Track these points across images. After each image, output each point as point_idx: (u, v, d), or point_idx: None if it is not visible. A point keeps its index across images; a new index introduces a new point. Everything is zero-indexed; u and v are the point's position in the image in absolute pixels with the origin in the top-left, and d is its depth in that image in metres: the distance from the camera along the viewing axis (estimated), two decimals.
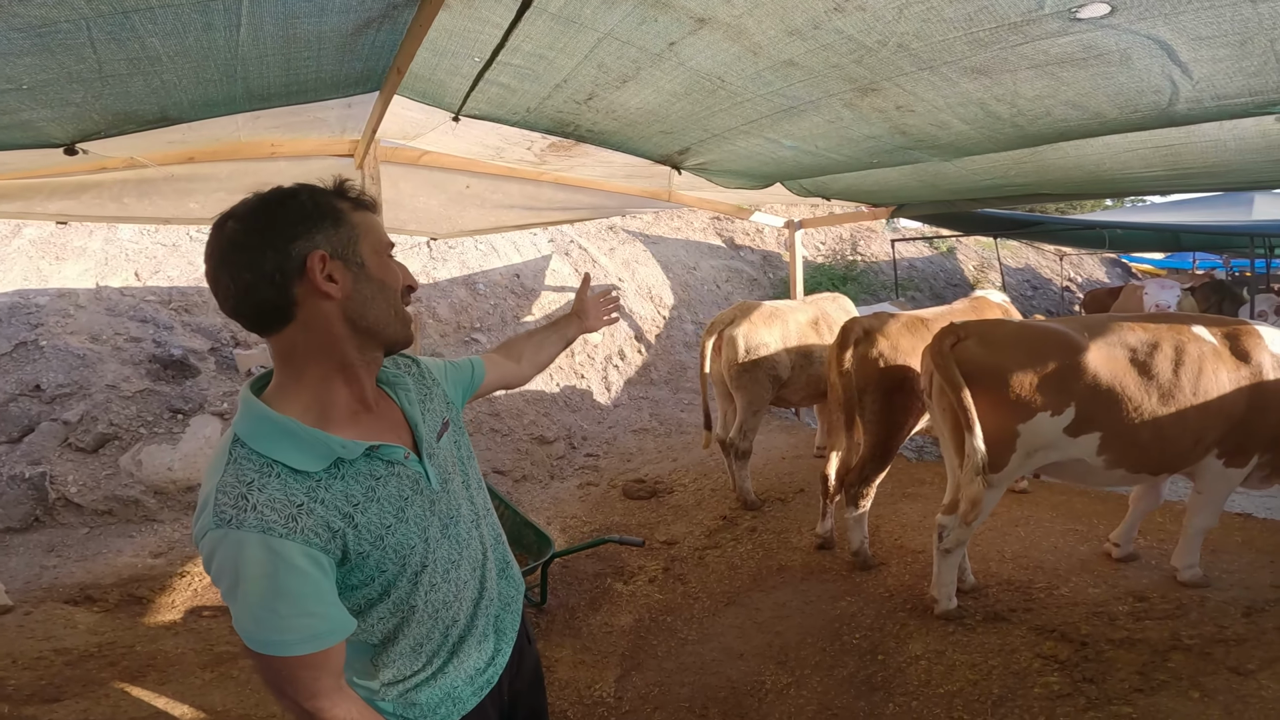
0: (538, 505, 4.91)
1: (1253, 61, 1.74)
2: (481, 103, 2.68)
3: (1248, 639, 2.48)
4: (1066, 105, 2.20)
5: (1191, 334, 2.59)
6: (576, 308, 1.74)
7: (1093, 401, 2.47)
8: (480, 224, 4.61)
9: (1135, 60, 1.81)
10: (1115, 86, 2.00)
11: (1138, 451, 2.53)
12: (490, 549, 1.25)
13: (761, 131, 2.72)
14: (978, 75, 2.00)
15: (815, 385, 4.26)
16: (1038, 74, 1.96)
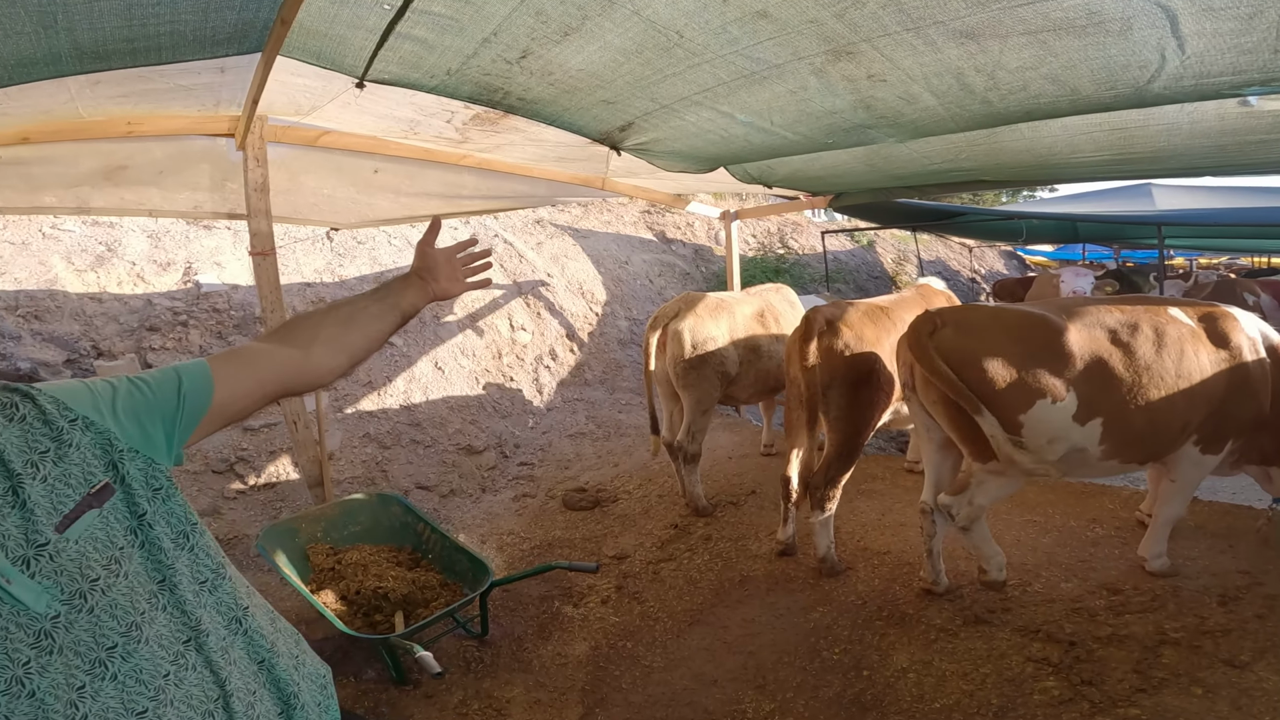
0: (470, 522, 4.47)
1: (1253, 37, 1.66)
2: (392, 64, 2.27)
3: (1232, 629, 2.46)
4: (1045, 79, 2.06)
5: (1169, 316, 2.52)
6: (418, 264, 1.28)
7: (1090, 385, 2.36)
8: (392, 214, 4.13)
9: (1134, 30, 1.70)
10: (1102, 60, 1.89)
11: (1134, 438, 2.45)
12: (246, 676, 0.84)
13: (716, 103, 2.45)
14: (965, 40, 1.81)
15: (764, 381, 4.07)
16: (1028, 41, 1.80)
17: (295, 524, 3.07)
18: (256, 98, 2.70)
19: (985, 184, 4.00)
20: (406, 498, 3.55)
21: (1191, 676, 2.23)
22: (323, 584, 2.86)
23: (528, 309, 6.46)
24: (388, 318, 1.19)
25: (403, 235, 6.27)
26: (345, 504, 3.26)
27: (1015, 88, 2.14)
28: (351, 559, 2.98)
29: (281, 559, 2.83)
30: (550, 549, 3.97)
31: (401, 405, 5.18)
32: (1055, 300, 2.80)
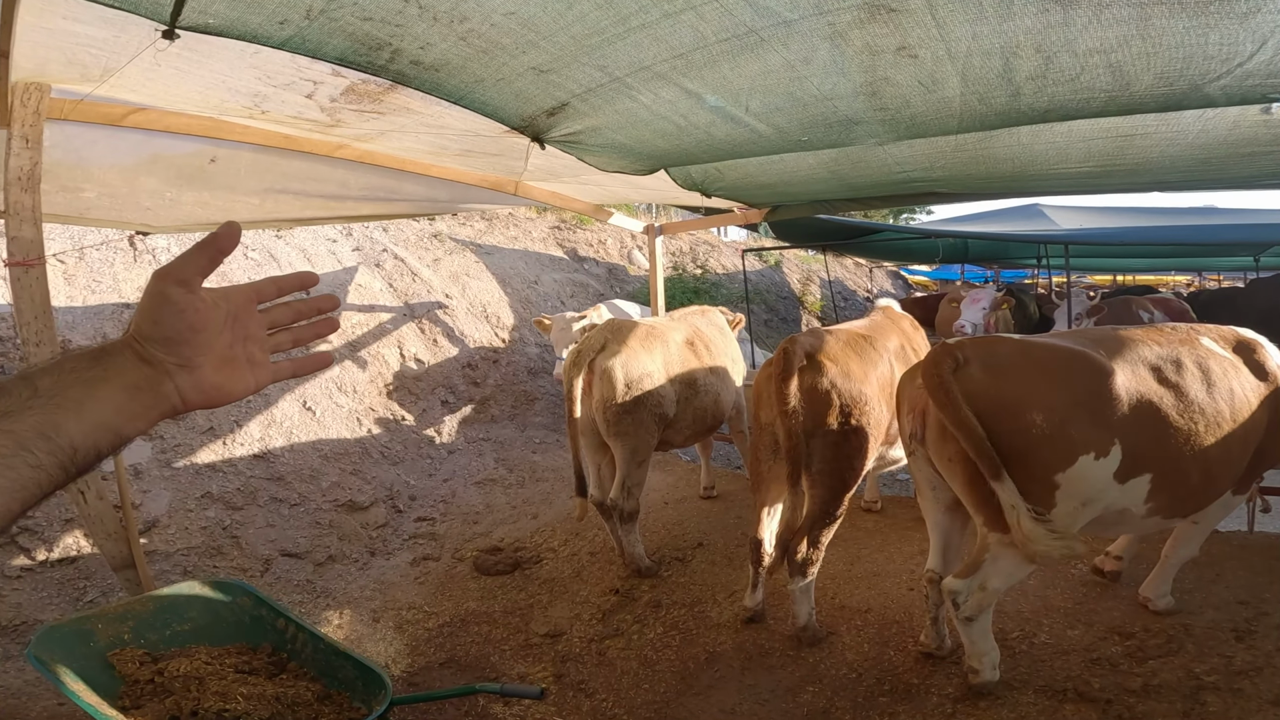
0: (357, 594, 3.61)
1: None
2: (216, 1, 1.53)
3: (1263, 666, 2.33)
4: (1107, 69, 1.73)
5: (1208, 348, 2.21)
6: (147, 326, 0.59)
7: (1139, 436, 1.97)
8: (238, 215, 3.20)
9: (1262, 13, 1.39)
10: (1193, 47, 1.58)
11: (1186, 492, 2.12)
12: None
13: (686, 75, 1.87)
14: (1051, 4, 1.38)
15: (700, 421, 3.52)
16: (1130, 15, 1.48)
17: (86, 624, 2.25)
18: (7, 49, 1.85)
19: (939, 196, 3.73)
20: (252, 581, 2.68)
21: None
22: (138, 702, 2.10)
23: (422, 335, 5.55)
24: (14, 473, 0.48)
25: (265, 247, 5.21)
26: (164, 598, 2.44)
27: (1066, 77, 1.75)
28: (179, 668, 2.21)
29: (67, 672, 2.01)
30: (464, 626, 3.25)
31: (257, 455, 4.16)
32: (1079, 332, 2.46)
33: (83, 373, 0.55)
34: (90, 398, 0.54)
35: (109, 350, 0.57)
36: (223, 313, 0.63)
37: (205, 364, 0.61)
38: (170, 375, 0.59)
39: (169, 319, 0.58)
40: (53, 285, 4.21)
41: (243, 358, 0.65)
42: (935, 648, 2.50)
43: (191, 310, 0.59)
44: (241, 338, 0.65)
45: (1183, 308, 6.68)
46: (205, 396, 0.62)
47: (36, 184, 2.21)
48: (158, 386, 0.58)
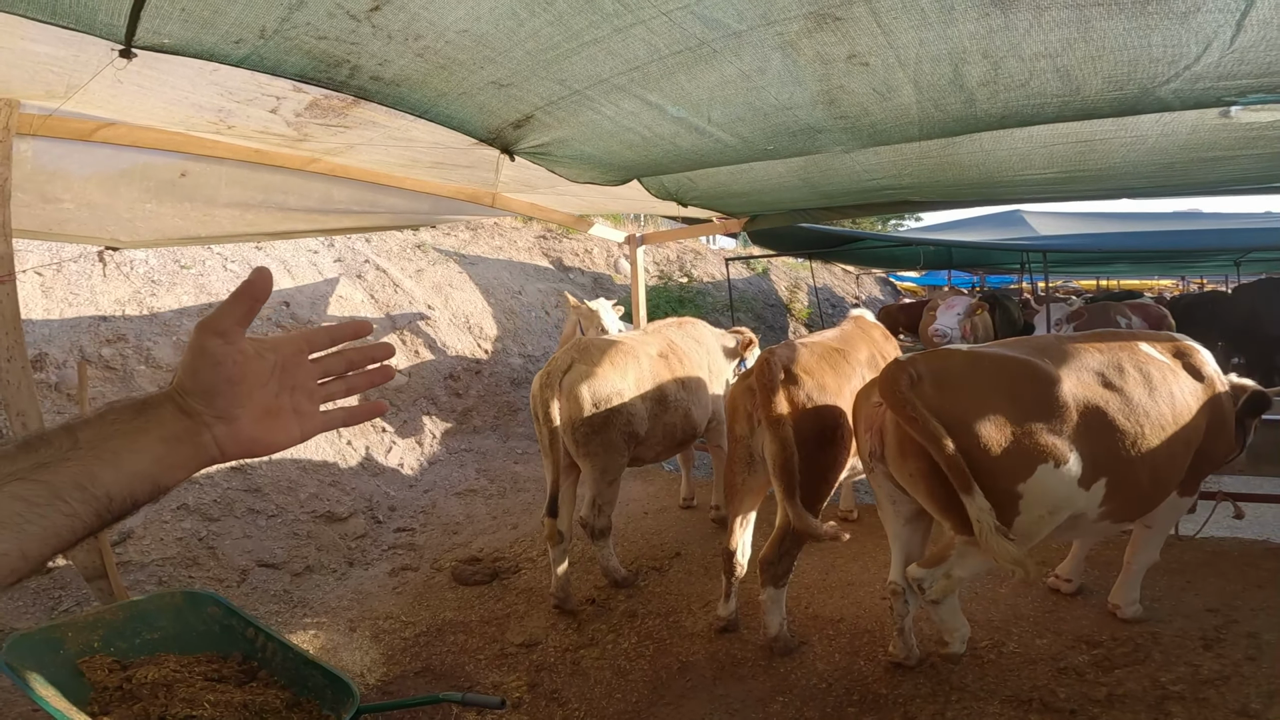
0: (335, 604, 3.59)
1: None
2: (171, 20, 1.56)
3: (1229, 675, 2.36)
4: (1055, 73, 1.75)
5: (1147, 353, 2.24)
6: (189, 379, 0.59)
7: (1092, 441, 1.99)
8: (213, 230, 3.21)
9: (1201, 13, 1.40)
10: (1138, 49, 1.59)
11: (1137, 495, 2.14)
12: None
13: (645, 87, 1.90)
14: (993, 9, 1.44)
15: (671, 436, 3.44)
16: (1069, 18, 1.47)
17: (57, 632, 2.28)
18: None
19: (912, 204, 3.77)
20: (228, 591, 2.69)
21: None
22: (106, 708, 2.12)
23: (404, 346, 5.55)
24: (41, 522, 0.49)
25: (244, 258, 5.20)
26: (134, 606, 2.45)
27: (1016, 82, 1.77)
28: (148, 675, 2.22)
29: (37, 679, 2.03)
30: (440, 636, 3.23)
31: (233, 468, 4.14)
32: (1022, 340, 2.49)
33: (124, 424, 0.55)
34: (129, 449, 0.54)
35: (151, 402, 0.58)
36: (269, 364, 0.63)
37: (244, 415, 0.60)
38: (209, 427, 0.59)
39: (206, 371, 0.58)
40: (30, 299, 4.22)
41: (288, 408, 0.64)
42: (904, 657, 2.51)
43: (229, 362, 0.59)
44: (289, 388, 0.64)
45: (1161, 313, 6.76)
46: (243, 448, 0.61)
47: (6, 200, 2.21)
48: (196, 438, 0.58)
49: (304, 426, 0.65)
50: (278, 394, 0.63)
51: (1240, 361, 7.41)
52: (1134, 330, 2.55)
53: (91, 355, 3.94)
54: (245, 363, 0.60)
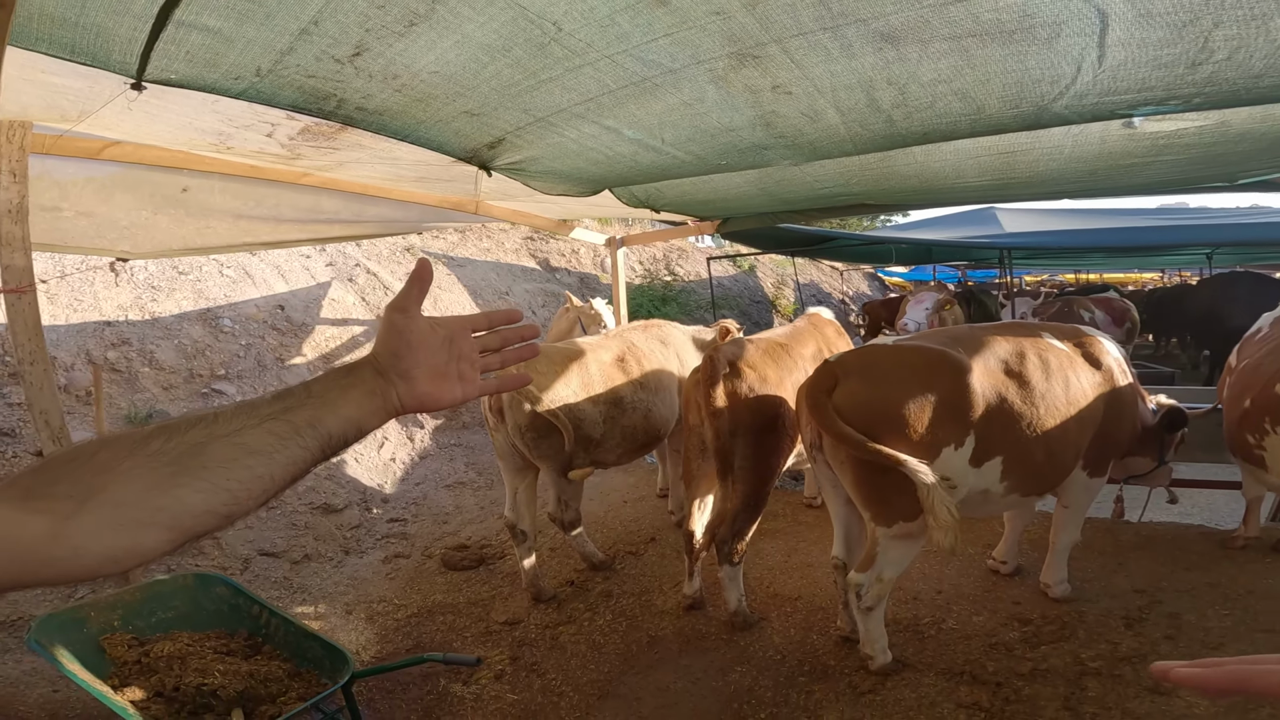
0: (331, 590, 3.82)
1: (1177, 49, 1.58)
2: (177, 60, 1.77)
3: (1147, 653, 2.48)
4: (955, 95, 1.94)
5: (1048, 343, 2.49)
6: (383, 347, 0.75)
7: (990, 424, 2.22)
8: (211, 240, 3.43)
9: (1062, 38, 1.57)
10: (1018, 73, 1.78)
11: (1034, 471, 2.35)
12: None
13: (601, 115, 2.13)
14: (885, 44, 1.61)
15: (631, 439, 3.48)
16: (950, 49, 1.64)
17: (80, 613, 2.48)
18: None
19: (870, 208, 4.00)
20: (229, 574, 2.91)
21: (1121, 709, 2.21)
22: (126, 681, 2.33)
23: None
24: (285, 452, 0.64)
25: (239, 264, 5.41)
26: (149, 587, 2.67)
27: (923, 104, 2.00)
28: (163, 650, 2.44)
29: (64, 654, 2.25)
30: (430, 617, 3.46)
31: None
32: (941, 332, 2.70)
33: (339, 380, 0.71)
34: (343, 400, 0.70)
35: (357, 365, 0.74)
36: (440, 336, 0.77)
37: (420, 376, 0.74)
38: (394, 384, 0.73)
39: (392, 339, 0.74)
40: None
41: (454, 373, 0.78)
42: (851, 631, 2.68)
43: (408, 330, 0.74)
44: (456, 357, 0.78)
45: (1124, 306, 7.03)
46: (419, 401, 0.75)
47: (25, 215, 2.43)
48: (385, 392, 0.73)
49: (465, 390, 0.79)
50: (447, 361, 0.77)
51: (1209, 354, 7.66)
52: (1046, 323, 2.77)
53: (98, 358, 4.17)
54: (421, 333, 0.75)
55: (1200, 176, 3.22)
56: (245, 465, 0.61)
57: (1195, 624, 2.68)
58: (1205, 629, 2.63)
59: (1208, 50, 1.58)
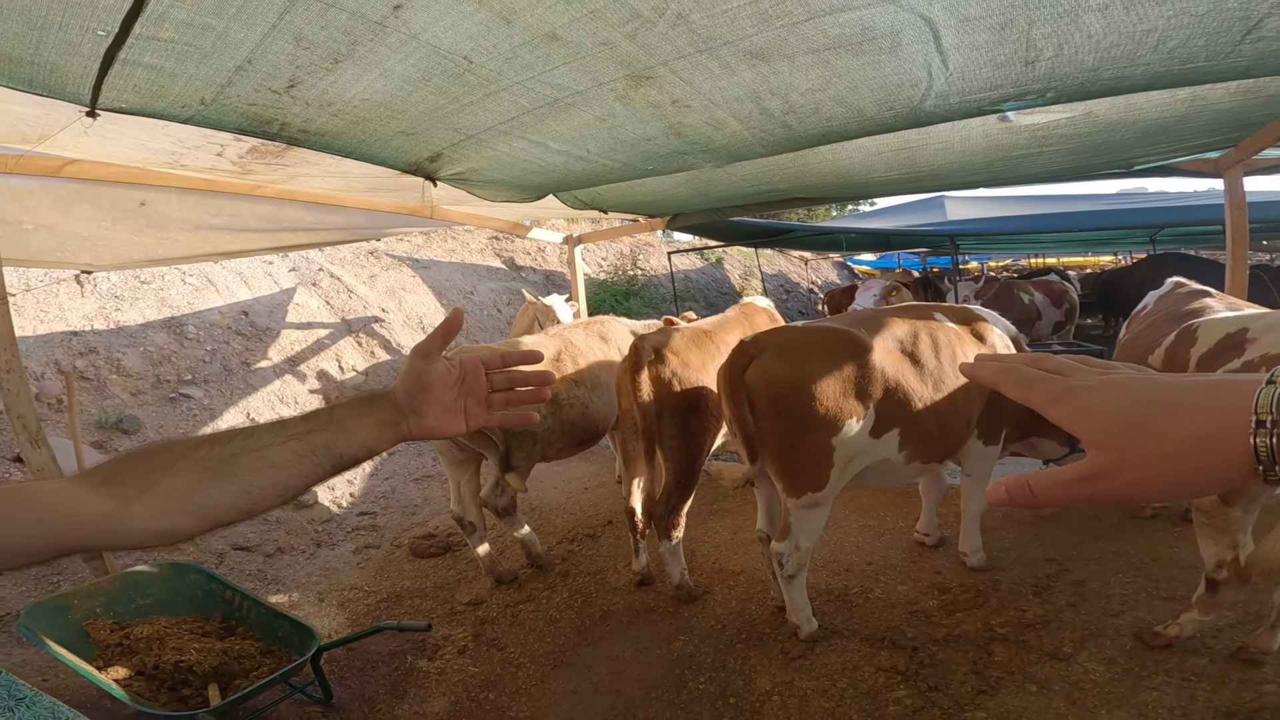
0: (304, 580, 3.99)
1: (1005, 49, 1.79)
2: (126, 92, 1.93)
3: (1050, 620, 2.64)
4: (834, 101, 2.16)
5: (939, 322, 2.73)
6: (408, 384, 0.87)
7: (888, 399, 2.46)
8: (173, 251, 3.57)
9: (904, 46, 1.77)
10: (881, 79, 1.99)
11: (929, 440, 2.59)
12: None
13: (525, 131, 2.33)
14: (757, 61, 1.83)
15: (571, 433, 3.57)
16: (814, 61, 1.85)
17: (65, 600, 2.68)
18: None
19: (803, 201, 4.24)
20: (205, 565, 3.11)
21: (1024, 673, 2.38)
22: (110, 661, 2.52)
23: (359, 348, 5.94)
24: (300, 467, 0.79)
25: (202, 272, 5.53)
26: (128, 576, 2.86)
27: (809, 111, 2.23)
28: (143, 633, 2.65)
29: (52, 640, 2.46)
30: (399, 601, 3.65)
31: None
32: (850, 314, 2.92)
33: (359, 408, 0.84)
34: (358, 427, 0.82)
35: (378, 396, 0.86)
36: (454, 376, 0.88)
37: (430, 412, 0.87)
38: (407, 417, 0.85)
39: (411, 381, 0.86)
40: None
41: (460, 409, 0.89)
42: (784, 602, 2.83)
43: (426, 375, 0.86)
44: (465, 394, 0.89)
45: (1062, 289, 7.39)
46: (426, 432, 0.87)
47: None
48: (398, 423, 0.85)
49: (469, 422, 0.91)
50: (456, 398, 0.88)
51: None
52: (939, 304, 3.01)
53: (66, 367, 4.29)
54: (438, 375, 0.87)
55: (1093, 164, 3.51)
56: (266, 476, 0.77)
57: (1098, 591, 2.86)
58: (1107, 596, 2.82)
59: (1034, 49, 1.80)
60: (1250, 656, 2.27)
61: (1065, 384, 0.49)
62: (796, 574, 2.62)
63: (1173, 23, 1.69)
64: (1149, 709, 2.18)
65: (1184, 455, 0.42)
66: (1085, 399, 0.47)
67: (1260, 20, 1.70)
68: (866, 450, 2.50)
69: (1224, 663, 2.33)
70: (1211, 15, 1.66)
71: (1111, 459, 0.45)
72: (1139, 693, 2.25)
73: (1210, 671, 2.30)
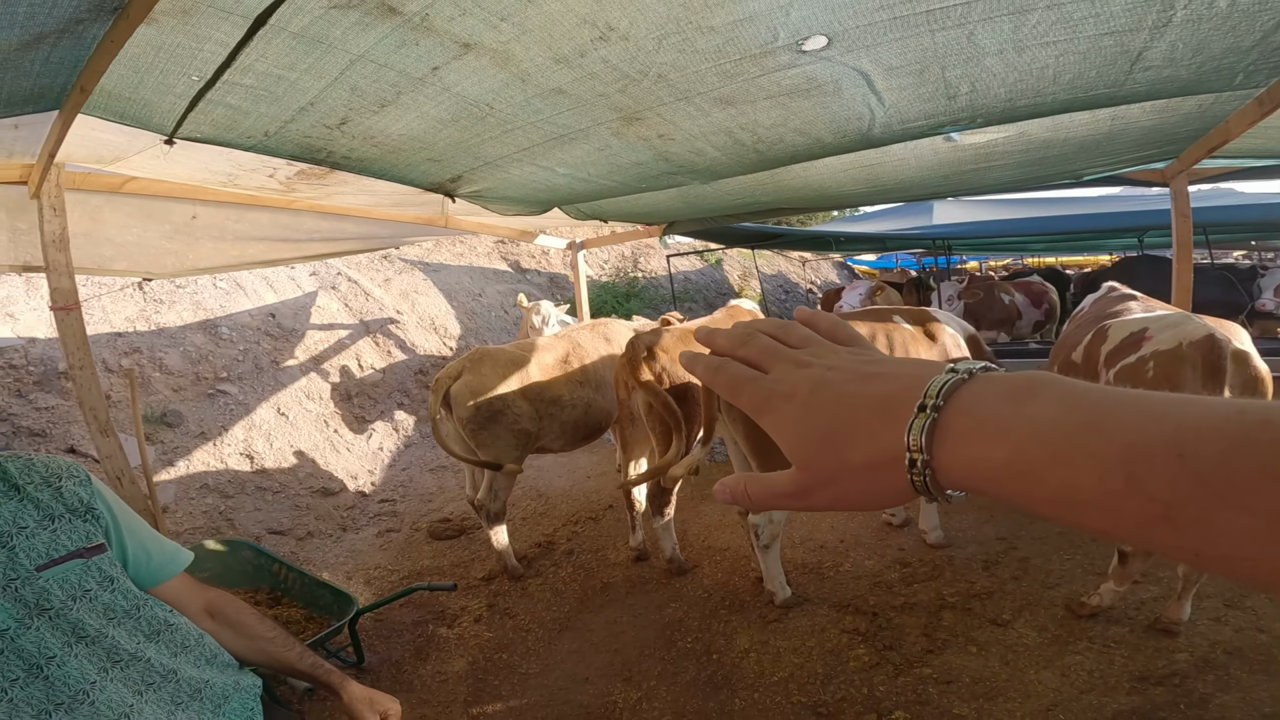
0: (333, 561, 4.37)
1: (927, 88, 2.14)
2: (204, 125, 2.30)
3: (994, 591, 2.93)
4: (795, 132, 2.53)
5: (896, 324, 3.09)
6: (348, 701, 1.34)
7: None
8: (217, 260, 3.96)
9: (845, 90, 2.13)
10: (830, 114, 2.35)
11: None
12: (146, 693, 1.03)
13: (534, 159, 2.71)
14: (726, 105, 2.21)
15: (575, 430, 3.81)
16: (772, 104, 2.22)
17: None
18: (54, 151, 2.58)
19: (785, 211, 4.61)
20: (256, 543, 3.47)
21: (967, 636, 2.65)
22: None
23: (377, 347, 6.34)
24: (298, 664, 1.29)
25: (231, 277, 5.94)
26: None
27: (775, 140, 2.60)
28: None
29: None
30: (419, 578, 3.99)
31: (243, 453, 4.92)
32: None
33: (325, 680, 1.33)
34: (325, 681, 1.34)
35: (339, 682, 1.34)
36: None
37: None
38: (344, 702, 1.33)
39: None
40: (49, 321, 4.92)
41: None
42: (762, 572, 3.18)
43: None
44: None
45: (1043, 289, 7.70)
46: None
47: (66, 244, 2.94)
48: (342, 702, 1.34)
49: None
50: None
51: None
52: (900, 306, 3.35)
53: (113, 366, 4.69)
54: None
55: (1042, 175, 3.81)
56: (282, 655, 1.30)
57: (1040, 566, 3.13)
58: (1048, 570, 3.09)
59: (952, 87, 2.13)
60: (1165, 627, 2.49)
61: (767, 390, 0.46)
62: (771, 544, 2.96)
63: (1061, 60, 1.98)
64: (1071, 670, 2.41)
65: (866, 477, 0.41)
66: (784, 412, 0.45)
67: (1140, 53, 1.97)
68: None
69: (1142, 632, 2.56)
70: (1093, 53, 1.94)
71: (809, 476, 0.43)
72: (1064, 656, 2.49)
73: (1129, 639, 2.53)
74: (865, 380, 0.43)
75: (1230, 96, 2.56)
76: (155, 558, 1.17)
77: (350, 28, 1.60)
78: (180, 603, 1.18)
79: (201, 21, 1.54)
